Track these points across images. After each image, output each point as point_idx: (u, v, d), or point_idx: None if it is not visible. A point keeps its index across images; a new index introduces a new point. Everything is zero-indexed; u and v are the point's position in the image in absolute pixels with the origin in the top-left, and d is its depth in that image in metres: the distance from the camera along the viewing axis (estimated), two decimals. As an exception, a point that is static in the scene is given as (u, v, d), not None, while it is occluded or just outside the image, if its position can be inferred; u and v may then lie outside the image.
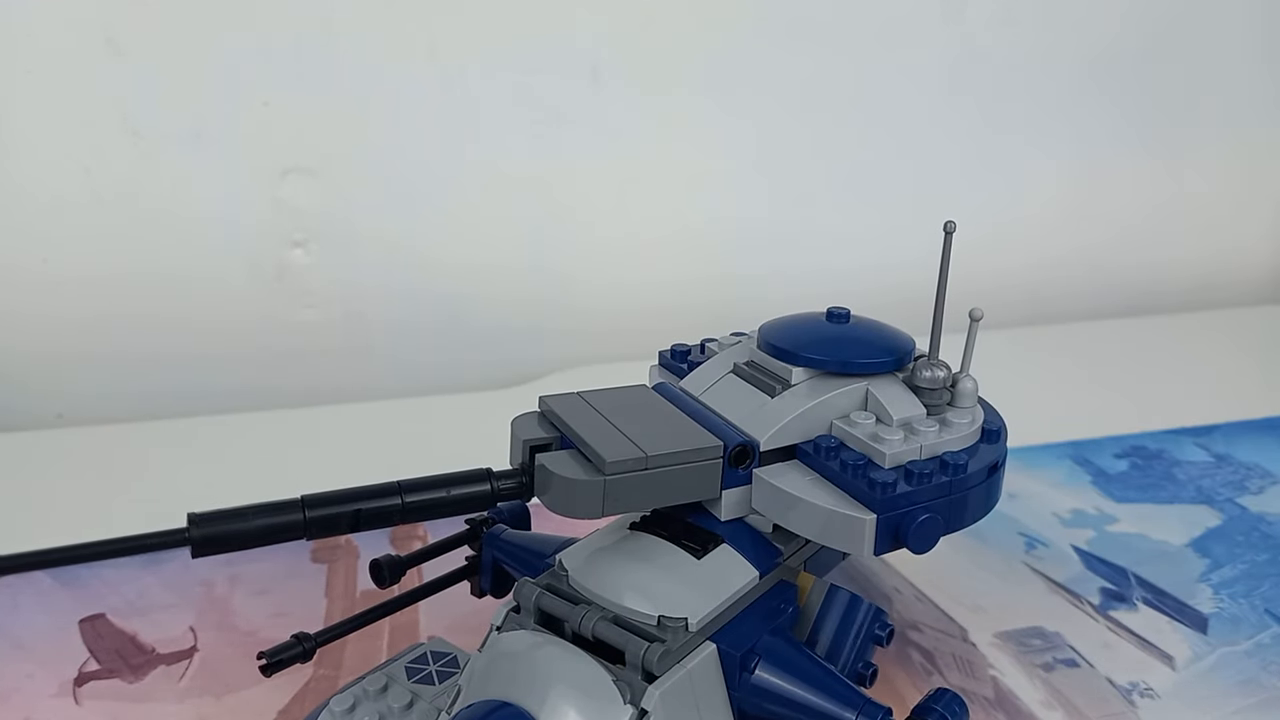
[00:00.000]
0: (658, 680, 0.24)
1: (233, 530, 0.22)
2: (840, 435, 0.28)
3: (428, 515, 0.24)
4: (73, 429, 0.58)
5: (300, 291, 0.64)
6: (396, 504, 0.23)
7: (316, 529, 0.21)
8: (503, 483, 0.26)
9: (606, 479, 0.25)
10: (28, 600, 0.42)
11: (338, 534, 0.21)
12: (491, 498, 0.25)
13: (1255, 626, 0.42)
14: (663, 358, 0.34)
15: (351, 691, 0.30)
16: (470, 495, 0.25)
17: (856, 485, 0.27)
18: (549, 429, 0.28)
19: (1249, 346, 0.72)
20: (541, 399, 0.28)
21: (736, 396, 0.30)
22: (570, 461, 0.26)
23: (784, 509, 0.28)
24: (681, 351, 0.34)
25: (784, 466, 0.28)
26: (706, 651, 0.26)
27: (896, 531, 0.27)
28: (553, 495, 0.26)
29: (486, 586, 0.36)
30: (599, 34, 0.65)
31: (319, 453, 0.56)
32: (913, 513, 0.27)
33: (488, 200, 0.67)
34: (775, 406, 0.29)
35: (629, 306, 0.70)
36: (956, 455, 0.28)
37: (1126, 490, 0.52)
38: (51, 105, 0.58)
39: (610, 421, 0.28)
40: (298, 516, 0.21)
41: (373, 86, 0.62)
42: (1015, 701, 0.37)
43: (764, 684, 0.26)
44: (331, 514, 0.22)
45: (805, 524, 0.27)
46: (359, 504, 0.22)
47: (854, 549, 0.27)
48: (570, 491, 0.25)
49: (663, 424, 0.28)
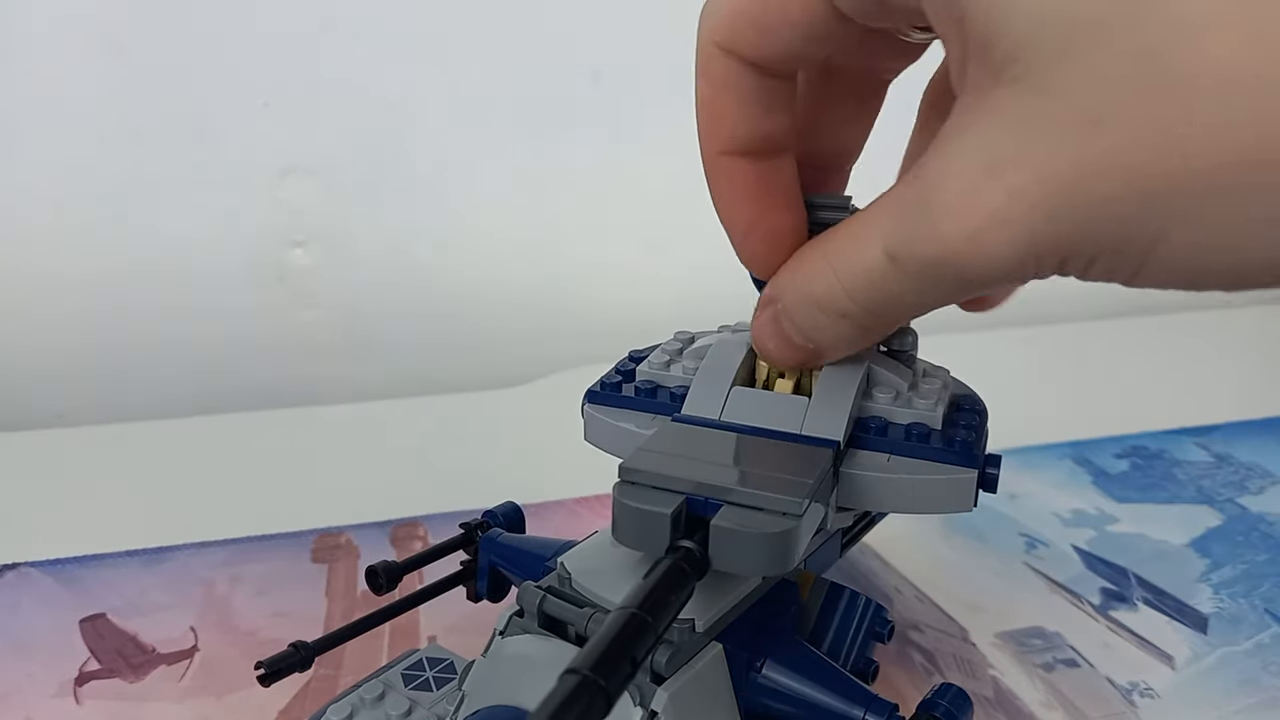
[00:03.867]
0: (667, 681, 0.24)
1: None
2: (879, 413, 0.28)
3: (670, 620, 0.21)
4: (73, 429, 0.58)
5: (300, 291, 0.64)
6: (651, 625, 0.20)
7: (618, 692, 0.20)
8: (685, 563, 0.23)
9: (802, 520, 0.24)
10: (28, 600, 0.42)
11: (626, 687, 0.20)
12: (692, 585, 0.23)
13: (1255, 626, 0.42)
14: (596, 395, 0.32)
15: (349, 700, 0.30)
16: (684, 592, 0.22)
17: (940, 451, 0.27)
18: (664, 495, 0.24)
19: (1249, 346, 0.72)
20: (627, 467, 0.25)
21: (766, 406, 0.28)
22: (745, 518, 0.24)
23: (878, 495, 0.27)
24: (614, 383, 0.31)
25: (852, 457, 0.28)
26: (714, 652, 0.26)
27: (982, 480, 0.27)
28: (745, 557, 0.23)
29: (483, 591, 0.36)
30: (600, 35, 0.65)
31: (319, 453, 0.56)
32: (991, 458, 0.28)
33: (488, 200, 0.67)
34: (820, 405, 0.28)
35: (629, 306, 0.70)
36: (962, 399, 0.30)
37: (1127, 490, 0.52)
38: (52, 105, 0.58)
39: (725, 465, 0.26)
40: (600, 691, 0.19)
41: (373, 86, 0.62)
42: (1015, 701, 0.37)
43: (771, 683, 0.26)
44: (621, 668, 0.20)
45: (906, 501, 0.27)
46: (630, 648, 0.19)
47: (960, 507, 0.27)
48: (769, 546, 0.23)
49: (766, 451, 0.27)
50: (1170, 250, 0.19)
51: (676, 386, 0.30)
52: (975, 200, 0.20)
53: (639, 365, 0.32)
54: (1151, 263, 0.19)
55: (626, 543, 0.25)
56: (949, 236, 0.20)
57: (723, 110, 0.26)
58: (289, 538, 0.46)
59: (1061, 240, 0.19)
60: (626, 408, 0.31)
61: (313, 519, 0.48)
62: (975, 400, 0.31)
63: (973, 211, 0.20)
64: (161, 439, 0.57)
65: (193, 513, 0.48)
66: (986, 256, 0.20)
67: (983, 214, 0.20)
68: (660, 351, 0.32)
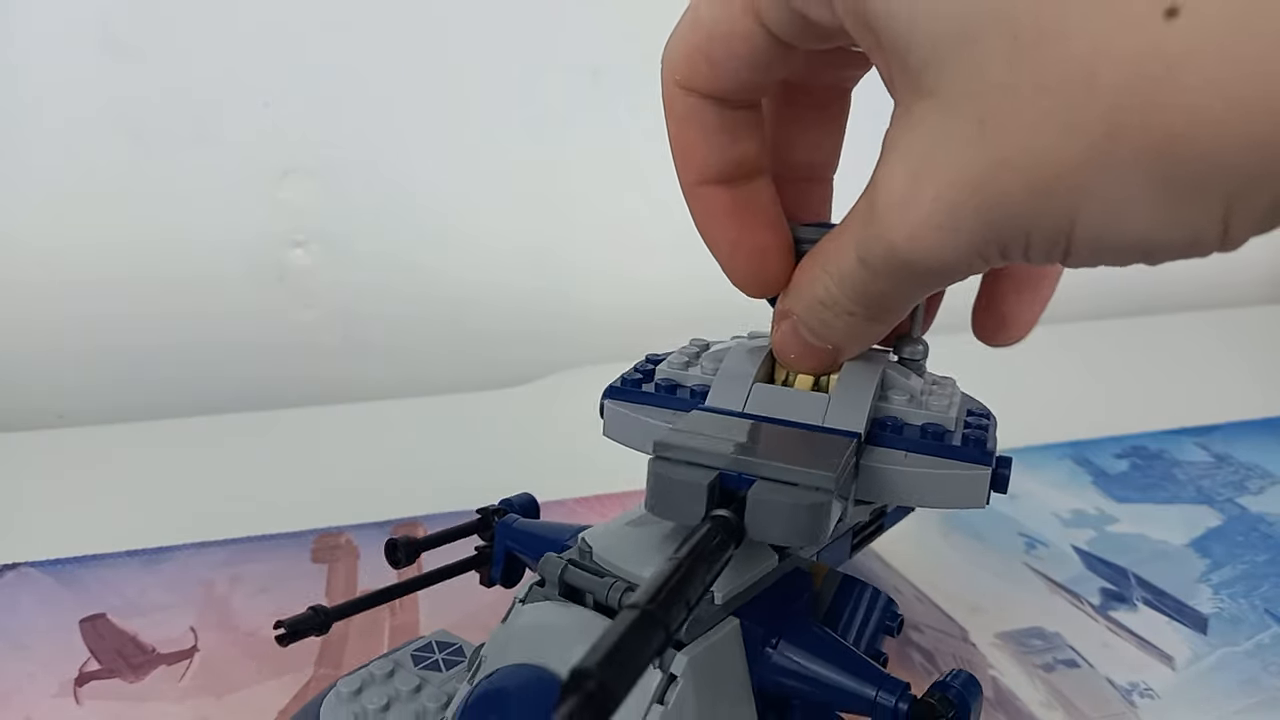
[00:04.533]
0: (686, 647, 0.25)
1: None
2: (895, 414, 0.29)
3: (714, 576, 0.22)
4: (73, 429, 0.58)
5: (300, 291, 0.65)
6: (699, 573, 0.21)
7: (677, 626, 0.20)
8: (719, 536, 0.24)
9: (835, 493, 0.25)
10: (28, 600, 0.42)
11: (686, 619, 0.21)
12: (728, 552, 0.24)
13: (1255, 626, 0.42)
14: (616, 391, 0.32)
15: (359, 674, 0.30)
16: (720, 554, 0.23)
17: (955, 449, 0.28)
18: (699, 470, 0.25)
19: (1249, 346, 0.72)
20: (662, 443, 0.26)
21: (788, 402, 0.29)
22: (780, 491, 0.25)
23: (896, 488, 0.28)
24: (634, 379, 0.32)
25: (870, 452, 0.29)
26: (731, 625, 0.26)
27: (993, 479, 0.28)
28: (782, 526, 0.24)
29: (497, 576, 0.36)
30: (600, 35, 0.65)
31: (319, 453, 0.56)
32: (1002, 459, 0.29)
33: (488, 200, 0.67)
34: (840, 401, 0.29)
35: (629, 306, 0.71)
36: (971, 405, 0.31)
37: (1127, 490, 0.52)
38: (51, 105, 0.58)
39: (753, 445, 0.27)
40: (660, 625, 0.19)
41: (373, 87, 0.62)
42: (1015, 702, 0.37)
43: (785, 661, 0.27)
44: (679, 609, 0.20)
45: (922, 495, 0.28)
46: (685, 591, 0.20)
47: (973, 503, 0.28)
48: (804, 516, 0.24)
49: (794, 438, 0.28)
50: (1084, 232, 0.20)
51: (696, 385, 0.31)
52: (908, 207, 0.22)
53: (658, 365, 0.32)
54: (1075, 245, 0.20)
55: (663, 514, 0.26)
56: (894, 239, 0.22)
57: (692, 143, 0.28)
58: (289, 538, 0.46)
59: (991, 234, 0.21)
60: (646, 404, 0.31)
61: (313, 519, 0.48)
62: (983, 407, 0.32)
63: (907, 217, 0.22)
64: (161, 439, 0.57)
65: (193, 513, 0.48)
66: (930, 255, 0.22)
67: (916, 219, 0.22)
68: (679, 354, 0.33)
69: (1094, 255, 0.21)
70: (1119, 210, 0.19)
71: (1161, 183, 0.19)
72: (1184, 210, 0.19)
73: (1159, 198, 0.19)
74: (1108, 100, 0.18)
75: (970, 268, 0.22)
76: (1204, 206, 0.19)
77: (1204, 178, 0.18)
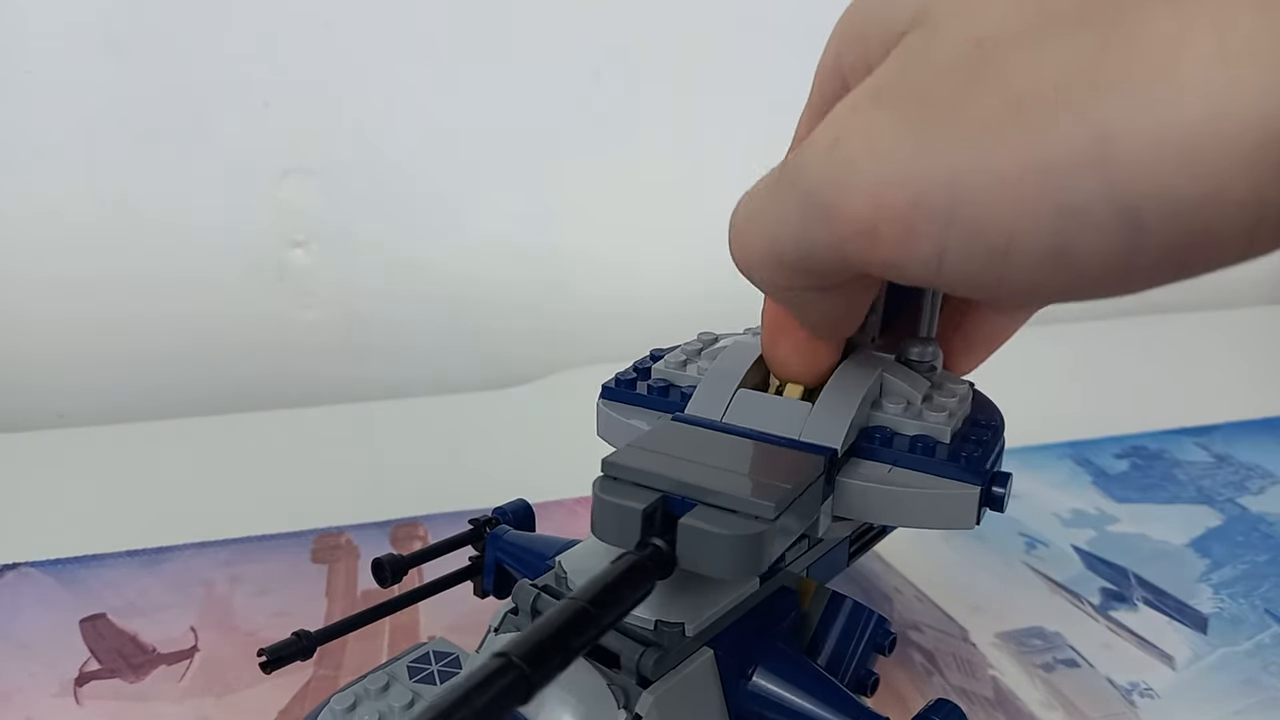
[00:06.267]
0: (652, 685, 0.24)
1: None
2: (887, 423, 0.28)
3: (618, 616, 0.21)
4: (73, 429, 0.58)
5: (300, 292, 0.65)
6: (593, 617, 0.20)
7: (542, 680, 0.19)
8: (651, 564, 0.23)
9: (776, 523, 0.23)
10: (28, 600, 0.42)
11: (555, 676, 0.19)
12: (653, 582, 0.23)
13: (1255, 626, 0.42)
14: (610, 391, 0.32)
15: (353, 690, 0.30)
16: (638, 587, 0.22)
17: (944, 465, 0.27)
18: (642, 492, 0.24)
19: (1249, 346, 0.72)
20: (609, 462, 0.25)
21: (769, 410, 0.28)
22: (715, 518, 0.23)
23: (876, 506, 0.27)
24: (628, 380, 0.32)
25: (853, 466, 0.28)
26: (704, 657, 0.26)
27: (988, 498, 0.27)
28: (712, 558, 0.23)
29: (489, 587, 0.36)
30: (600, 34, 0.65)
31: (319, 453, 0.56)
32: (999, 475, 0.27)
33: (487, 200, 0.67)
34: (823, 412, 0.28)
35: (629, 306, 0.71)
36: (979, 416, 0.29)
37: (1127, 490, 0.52)
38: (51, 105, 0.58)
39: (708, 465, 0.25)
40: (521, 675, 0.18)
41: (373, 87, 0.62)
42: (1015, 702, 0.37)
43: (761, 691, 0.26)
44: (551, 657, 0.19)
45: (904, 514, 0.27)
46: (565, 636, 0.19)
47: (961, 523, 0.27)
48: (736, 549, 0.23)
49: (754, 455, 0.27)
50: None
51: (688, 386, 0.30)
52: (839, 140, 0.20)
53: (656, 364, 0.32)
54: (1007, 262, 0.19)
55: (602, 537, 0.24)
56: (815, 144, 0.21)
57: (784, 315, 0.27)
58: (289, 538, 0.46)
59: (906, 201, 0.19)
60: (638, 405, 0.31)
61: (313, 519, 0.48)
62: (993, 416, 0.30)
63: (836, 134, 0.20)
64: (161, 439, 0.57)
65: (193, 513, 0.48)
66: (836, 173, 0.20)
67: (844, 132, 0.20)
68: (680, 350, 0.32)
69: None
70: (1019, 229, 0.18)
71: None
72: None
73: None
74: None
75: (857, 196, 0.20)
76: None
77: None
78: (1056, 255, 0.18)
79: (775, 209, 0.22)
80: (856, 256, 0.20)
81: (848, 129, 0.20)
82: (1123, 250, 0.17)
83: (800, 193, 0.21)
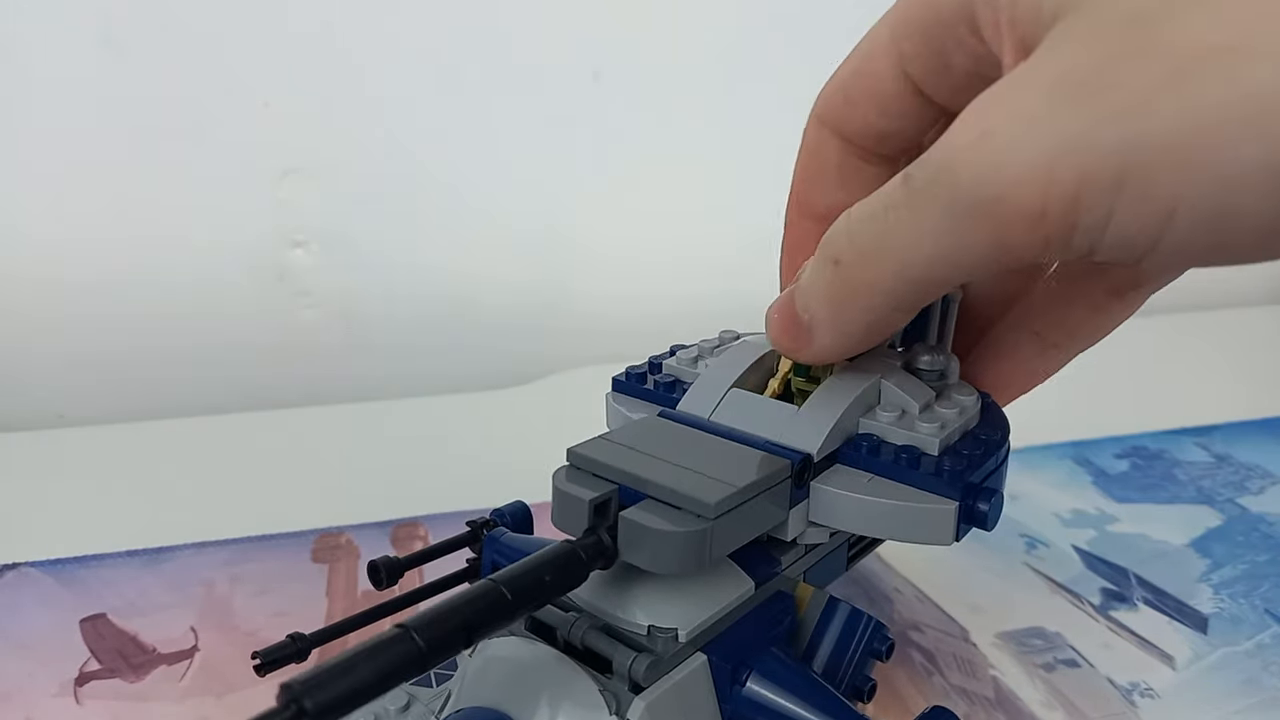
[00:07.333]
0: (644, 691, 0.24)
1: (348, 688, 0.19)
2: (877, 431, 0.28)
3: (535, 605, 0.22)
4: (73, 429, 0.58)
5: (300, 292, 0.65)
6: (506, 601, 0.20)
7: (436, 654, 0.19)
8: (588, 554, 0.23)
9: (714, 524, 0.23)
10: (28, 600, 0.42)
11: (455, 653, 0.19)
12: (586, 570, 0.23)
13: (1255, 626, 0.42)
14: (620, 384, 0.32)
15: None
16: (568, 575, 0.23)
17: (924, 477, 0.26)
18: (599, 482, 0.25)
19: (1249, 346, 0.72)
20: (573, 452, 0.26)
21: (756, 411, 0.28)
22: (658, 512, 0.24)
23: (852, 515, 0.27)
24: (639, 374, 0.32)
25: (834, 473, 0.27)
26: (697, 663, 0.25)
27: (970, 514, 0.27)
28: (650, 552, 0.23)
29: None
30: (600, 35, 0.65)
31: (319, 453, 0.56)
32: (984, 491, 0.27)
33: (487, 201, 0.67)
34: (808, 415, 0.27)
35: (629, 306, 0.70)
36: (981, 430, 0.29)
37: (1127, 490, 0.52)
38: (52, 105, 0.58)
39: (666, 461, 0.25)
40: (413, 646, 0.18)
41: (373, 87, 0.62)
42: (1016, 702, 0.37)
43: (755, 697, 0.26)
44: (447, 632, 0.19)
45: (880, 525, 0.27)
46: (466, 614, 0.19)
47: (938, 539, 0.27)
48: (672, 545, 0.23)
49: (719, 454, 0.27)
50: (1188, 214, 0.19)
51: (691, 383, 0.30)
52: (990, 131, 0.20)
53: (668, 360, 0.32)
54: (1172, 228, 0.19)
55: (560, 526, 0.25)
56: (958, 145, 0.21)
57: (810, 176, 0.29)
58: (289, 538, 0.46)
59: (1076, 173, 0.19)
60: (644, 399, 0.31)
61: (313, 519, 0.48)
62: (997, 430, 0.30)
63: (985, 127, 0.20)
64: (161, 439, 0.57)
65: (193, 513, 0.48)
66: (995, 162, 0.20)
67: (996, 123, 0.20)
68: (695, 347, 0.33)
69: (1187, 248, 0.20)
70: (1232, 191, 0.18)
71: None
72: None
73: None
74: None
75: (1024, 197, 0.20)
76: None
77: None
78: (1217, 218, 0.19)
79: (909, 228, 0.22)
80: (1019, 242, 0.20)
81: (994, 120, 0.20)
82: (1277, 213, 0.18)
83: (949, 199, 0.21)
